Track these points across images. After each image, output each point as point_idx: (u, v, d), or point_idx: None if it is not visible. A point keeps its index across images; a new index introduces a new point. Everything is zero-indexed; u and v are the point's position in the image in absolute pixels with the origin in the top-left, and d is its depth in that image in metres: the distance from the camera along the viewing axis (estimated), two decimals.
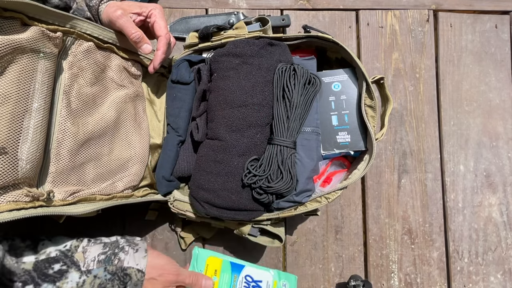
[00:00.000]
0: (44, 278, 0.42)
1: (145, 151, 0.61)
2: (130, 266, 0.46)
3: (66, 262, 0.44)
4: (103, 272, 0.45)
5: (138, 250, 0.48)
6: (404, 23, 0.80)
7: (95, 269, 0.45)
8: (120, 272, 0.46)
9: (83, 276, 0.44)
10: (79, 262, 0.45)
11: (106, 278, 0.45)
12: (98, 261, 0.46)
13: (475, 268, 0.74)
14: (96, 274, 0.45)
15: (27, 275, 0.42)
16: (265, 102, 0.53)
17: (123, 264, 0.46)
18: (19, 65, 0.41)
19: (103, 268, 0.45)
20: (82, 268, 0.45)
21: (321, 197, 0.56)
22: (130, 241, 0.49)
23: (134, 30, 0.51)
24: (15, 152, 0.40)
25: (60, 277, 0.43)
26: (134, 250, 0.48)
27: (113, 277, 0.45)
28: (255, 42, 0.55)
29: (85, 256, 0.46)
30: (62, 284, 0.43)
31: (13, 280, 0.41)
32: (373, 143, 0.55)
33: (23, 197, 0.41)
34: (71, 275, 0.44)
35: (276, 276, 0.55)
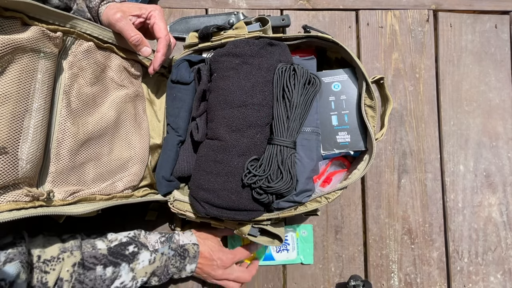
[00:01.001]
0: (122, 258, 0.51)
1: (145, 151, 0.61)
2: (186, 243, 0.58)
3: (137, 244, 0.53)
4: (168, 249, 0.56)
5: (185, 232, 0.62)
6: (404, 23, 0.80)
7: (161, 248, 0.55)
8: (180, 249, 0.57)
9: (153, 254, 0.54)
10: (146, 244, 0.54)
11: (170, 254, 0.56)
12: (161, 242, 0.56)
13: (475, 268, 0.74)
14: (163, 252, 0.55)
15: (105, 258, 0.49)
16: (265, 102, 0.53)
17: (180, 243, 0.57)
18: (19, 65, 0.41)
19: (167, 246, 0.56)
20: (150, 248, 0.54)
21: (321, 197, 0.56)
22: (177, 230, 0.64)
23: (133, 33, 0.51)
24: (15, 152, 0.40)
25: (133, 259, 0.52)
26: (183, 232, 0.61)
27: (175, 253, 0.56)
28: (255, 42, 0.55)
29: (148, 240, 0.55)
30: (135, 265, 0.52)
31: (95, 264, 0.48)
32: (373, 143, 0.55)
33: (23, 197, 0.41)
34: (142, 255, 0.53)
35: (296, 229, 0.73)
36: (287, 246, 0.72)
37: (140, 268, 0.52)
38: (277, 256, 0.71)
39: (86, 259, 0.48)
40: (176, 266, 0.56)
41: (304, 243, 0.72)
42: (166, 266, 0.55)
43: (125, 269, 0.51)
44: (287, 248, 0.72)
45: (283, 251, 0.72)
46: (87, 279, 0.47)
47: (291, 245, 0.72)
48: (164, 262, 0.55)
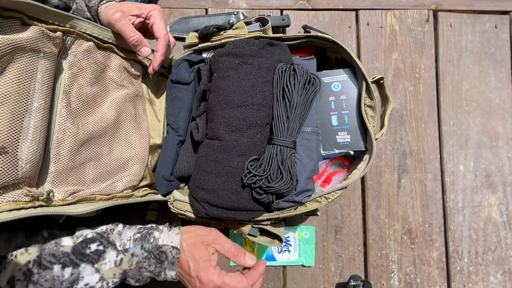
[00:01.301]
0: (81, 258, 0.44)
1: (145, 151, 0.61)
2: (165, 244, 0.47)
3: (102, 241, 0.46)
4: (140, 250, 0.46)
5: (172, 229, 0.49)
6: (404, 23, 0.80)
7: (132, 248, 0.46)
8: (156, 250, 0.46)
9: (120, 255, 0.45)
10: (115, 242, 0.46)
11: (143, 256, 0.46)
12: (134, 240, 0.47)
13: (474, 268, 0.74)
14: (133, 252, 0.46)
15: (66, 257, 0.43)
16: (265, 102, 0.53)
17: (158, 243, 0.47)
18: (19, 64, 0.40)
19: (139, 245, 0.46)
20: (118, 248, 0.46)
21: (321, 197, 0.56)
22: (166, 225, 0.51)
23: (132, 34, 0.51)
24: (15, 152, 0.40)
25: (98, 258, 0.45)
26: (168, 229, 0.49)
27: (149, 255, 0.46)
28: (255, 42, 0.55)
29: (121, 238, 0.47)
30: (101, 265, 0.44)
31: (53, 262, 0.43)
32: (373, 143, 0.55)
33: (23, 197, 0.41)
34: (108, 255, 0.45)
35: (298, 230, 0.73)
36: (288, 247, 0.72)
37: (107, 269, 0.45)
38: (279, 256, 0.71)
39: (44, 257, 0.42)
40: (151, 270, 0.46)
41: (306, 245, 0.72)
42: (139, 269, 0.46)
43: (87, 270, 0.44)
44: (288, 249, 0.72)
45: (285, 252, 0.72)
46: (42, 279, 0.42)
47: (293, 246, 0.72)
48: (134, 264, 0.45)
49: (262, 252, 0.71)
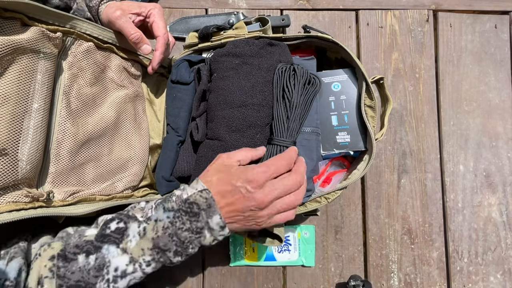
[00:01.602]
0: (103, 240, 0.40)
1: (145, 151, 0.61)
2: (190, 194, 0.40)
3: (121, 218, 0.41)
4: (163, 213, 0.40)
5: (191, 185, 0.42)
6: (403, 23, 0.80)
7: (154, 214, 0.41)
8: (184, 205, 0.40)
9: (142, 224, 0.40)
10: (135, 215, 0.42)
11: (169, 218, 0.40)
12: (156, 206, 0.42)
13: (474, 268, 0.74)
14: (156, 218, 0.40)
15: (90, 244, 0.40)
16: (265, 102, 0.53)
17: (183, 197, 0.41)
18: (19, 65, 0.40)
19: (161, 208, 0.41)
20: (140, 219, 0.41)
21: (321, 197, 0.56)
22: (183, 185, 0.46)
23: (133, 31, 0.51)
24: (15, 153, 0.40)
25: (121, 237, 0.40)
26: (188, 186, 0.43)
27: (178, 213, 0.40)
28: (255, 42, 0.55)
29: (143, 210, 0.43)
30: (126, 244, 0.40)
31: (77, 253, 0.40)
32: (372, 143, 0.55)
33: (23, 198, 0.41)
34: (130, 229, 0.40)
35: (298, 229, 0.73)
36: (288, 247, 0.72)
37: (133, 246, 0.40)
38: (279, 256, 0.71)
39: (68, 250, 0.40)
40: (187, 228, 0.40)
41: (306, 244, 0.72)
42: (171, 235, 0.40)
43: (111, 252, 0.39)
44: (288, 249, 0.72)
45: (285, 252, 0.72)
46: (69, 272, 0.38)
47: (292, 245, 0.72)
48: (160, 230, 0.40)
49: (262, 252, 0.71)
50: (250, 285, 0.72)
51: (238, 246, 0.71)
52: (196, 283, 0.71)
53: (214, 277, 0.71)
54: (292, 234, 0.72)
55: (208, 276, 0.71)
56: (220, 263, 0.72)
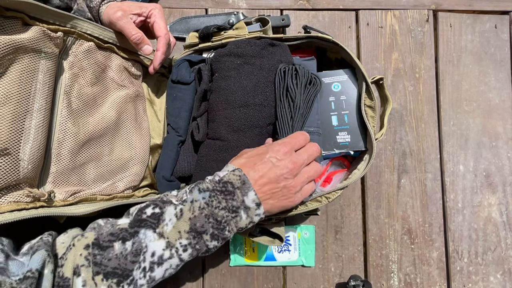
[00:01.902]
0: (139, 225, 0.40)
1: (146, 151, 0.61)
2: (225, 175, 0.42)
3: (157, 203, 0.41)
4: (198, 194, 0.41)
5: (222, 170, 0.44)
6: (403, 23, 0.80)
7: (189, 196, 0.41)
8: (218, 185, 0.41)
9: (178, 206, 0.41)
10: (170, 199, 0.42)
11: (204, 198, 0.40)
12: (190, 190, 0.42)
13: (474, 268, 0.74)
14: (192, 199, 0.41)
15: (125, 232, 0.40)
16: (267, 102, 0.53)
17: (216, 178, 0.42)
18: (20, 65, 0.41)
19: (196, 190, 0.41)
20: (175, 202, 0.42)
21: (322, 197, 0.56)
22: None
23: (134, 32, 0.51)
24: (17, 153, 0.40)
25: (157, 222, 0.40)
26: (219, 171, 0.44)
27: (213, 193, 0.41)
28: (257, 42, 0.55)
29: (177, 197, 0.43)
30: (162, 228, 0.40)
31: (112, 240, 0.39)
32: (373, 143, 0.55)
33: (24, 198, 0.41)
34: (167, 213, 0.40)
35: (298, 229, 0.73)
36: (288, 247, 0.72)
37: (170, 229, 0.40)
38: (279, 256, 0.72)
39: (103, 239, 0.39)
40: (224, 207, 0.40)
41: (305, 244, 0.72)
42: (207, 216, 0.40)
43: (148, 236, 0.39)
44: (288, 249, 0.72)
45: (285, 252, 0.72)
46: (105, 259, 0.38)
47: (292, 245, 0.72)
48: (198, 210, 0.40)
49: (262, 251, 0.71)
50: (250, 285, 0.72)
51: (238, 246, 0.71)
52: (196, 283, 0.71)
53: (214, 277, 0.71)
54: (292, 234, 0.72)
55: (208, 276, 0.71)
56: (220, 263, 0.72)
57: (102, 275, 0.38)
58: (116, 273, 0.38)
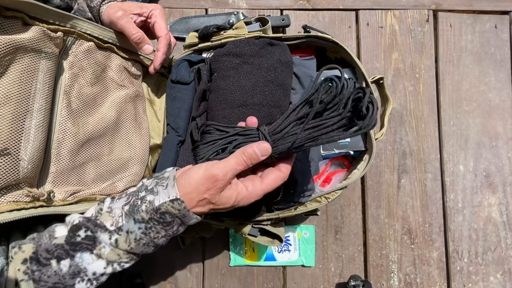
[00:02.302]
0: (75, 248, 0.38)
1: (145, 151, 0.61)
2: (162, 203, 0.38)
3: (89, 226, 0.39)
4: (134, 225, 0.39)
5: (167, 185, 0.40)
6: (403, 23, 0.80)
7: (125, 224, 0.39)
8: (155, 215, 0.39)
9: (114, 235, 0.39)
10: (104, 223, 0.39)
11: (141, 229, 0.39)
12: (125, 214, 0.39)
13: (474, 268, 0.74)
14: (127, 229, 0.39)
15: (60, 249, 0.38)
16: (265, 102, 0.53)
17: (154, 205, 0.39)
18: (20, 65, 0.41)
19: (132, 220, 0.39)
20: (109, 228, 0.39)
21: (321, 197, 0.56)
22: (159, 177, 0.42)
23: (135, 31, 0.51)
24: (17, 152, 0.40)
25: (93, 244, 0.38)
26: (164, 187, 0.40)
27: (150, 224, 0.39)
28: (255, 42, 0.55)
29: (112, 215, 0.40)
30: (100, 250, 0.38)
31: (48, 258, 0.38)
32: (372, 143, 0.55)
33: (24, 197, 0.41)
34: (102, 237, 0.39)
35: (298, 229, 0.73)
36: (288, 247, 0.72)
37: (107, 251, 0.39)
38: (279, 256, 0.72)
39: (40, 253, 0.38)
40: (164, 235, 0.40)
41: (305, 244, 0.72)
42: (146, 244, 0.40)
43: (85, 260, 0.38)
44: (288, 249, 0.72)
45: (285, 252, 0.72)
46: (44, 276, 0.37)
47: (292, 245, 0.72)
48: (134, 242, 0.39)
49: (262, 251, 0.71)
50: (250, 285, 0.72)
51: (238, 246, 0.71)
52: (196, 283, 0.71)
53: (214, 277, 0.71)
54: (292, 234, 0.72)
55: (208, 276, 0.71)
56: (220, 263, 0.72)
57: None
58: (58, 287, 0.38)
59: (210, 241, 0.72)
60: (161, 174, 0.42)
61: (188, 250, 0.71)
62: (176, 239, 0.70)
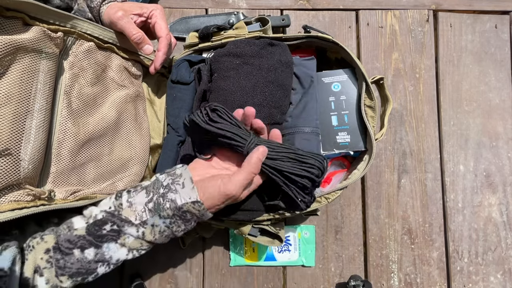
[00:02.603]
0: (101, 240, 0.42)
1: (146, 151, 0.61)
2: (184, 203, 0.43)
3: (115, 221, 0.43)
4: (159, 220, 0.44)
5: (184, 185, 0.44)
6: (404, 23, 0.80)
7: (150, 219, 0.43)
8: (178, 212, 0.44)
9: (140, 229, 0.43)
10: (129, 218, 0.43)
11: (165, 223, 0.44)
12: (149, 210, 0.44)
13: (475, 268, 0.74)
14: (153, 223, 0.44)
15: (82, 239, 0.42)
16: (266, 102, 0.53)
17: (177, 204, 0.43)
18: (21, 65, 0.41)
19: (157, 216, 0.43)
20: (135, 222, 0.43)
21: (321, 197, 0.56)
22: (171, 174, 0.46)
23: (135, 31, 0.51)
24: (18, 153, 0.40)
25: (118, 235, 0.43)
26: (181, 186, 0.44)
27: (173, 219, 0.44)
28: (256, 42, 0.55)
29: (133, 210, 0.44)
30: (124, 240, 0.43)
31: (71, 248, 0.41)
32: (372, 143, 0.55)
33: (25, 197, 0.41)
34: (128, 230, 0.43)
35: (298, 229, 0.73)
36: (288, 247, 0.72)
37: (131, 241, 0.44)
38: (279, 256, 0.72)
39: (61, 244, 0.41)
40: (183, 229, 0.45)
41: (306, 244, 0.72)
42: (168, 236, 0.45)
43: (111, 249, 0.43)
44: (288, 249, 0.72)
45: (285, 252, 0.72)
46: (68, 263, 0.41)
47: (293, 245, 0.72)
48: (157, 234, 0.44)
49: (262, 251, 0.71)
50: (250, 285, 0.72)
51: (238, 246, 0.71)
52: (196, 283, 0.71)
53: (214, 277, 0.71)
54: (292, 234, 0.72)
55: (208, 276, 0.71)
56: (220, 263, 0.72)
57: (67, 276, 0.41)
58: (81, 273, 0.42)
59: (210, 241, 0.72)
60: (172, 170, 0.46)
61: (188, 250, 0.71)
62: (176, 239, 0.70)
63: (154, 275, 0.71)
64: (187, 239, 0.69)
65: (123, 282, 0.70)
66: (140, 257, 0.46)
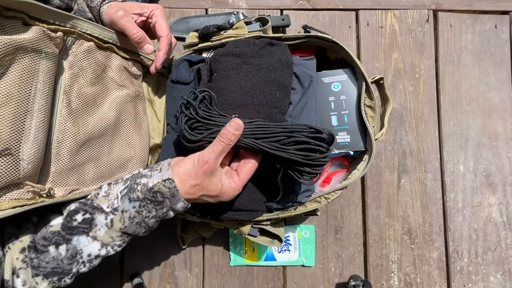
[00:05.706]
0: (71, 232, 0.41)
1: (145, 151, 0.61)
2: (156, 183, 0.42)
3: (86, 209, 0.42)
4: (129, 204, 0.42)
5: (161, 169, 0.44)
6: (404, 23, 0.80)
7: (120, 205, 0.42)
8: (149, 194, 0.42)
9: (109, 216, 0.42)
10: (101, 205, 0.43)
11: (135, 207, 0.42)
12: (122, 196, 0.43)
13: (474, 268, 0.74)
14: (122, 209, 0.42)
15: (57, 235, 0.41)
16: (265, 102, 0.53)
17: (148, 186, 0.42)
18: (21, 65, 0.41)
19: (127, 199, 0.42)
20: (106, 209, 0.43)
21: (321, 197, 0.56)
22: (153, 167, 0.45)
23: (135, 31, 0.51)
24: (17, 153, 0.40)
25: (89, 227, 0.42)
26: (158, 171, 0.44)
27: (143, 203, 0.42)
28: (255, 42, 0.55)
29: (108, 199, 0.44)
30: (95, 232, 0.42)
31: (46, 245, 0.41)
32: (372, 143, 0.55)
33: (25, 194, 0.41)
34: (98, 220, 0.42)
35: (298, 229, 0.73)
36: (288, 247, 0.72)
37: (102, 234, 0.42)
38: (279, 256, 0.72)
39: (37, 242, 0.41)
40: (154, 215, 0.43)
41: (306, 244, 0.72)
42: (139, 223, 0.43)
43: (82, 242, 0.42)
44: (288, 249, 0.72)
45: (285, 252, 0.72)
46: (43, 262, 0.40)
47: (292, 245, 0.72)
48: (127, 220, 0.42)
49: (262, 251, 0.71)
50: (250, 285, 0.72)
51: (238, 246, 0.71)
52: (196, 283, 0.71)
53: (214, 277, 0.71)
54: (292, 234, 0.72)
55: (208, 276, 0.71)
56: (220, 263, 0.72)
57: (42, 276, 0.41)
58: (56, 272, 0.41)
59: (210, 241, 0.72)
60: (157, 165, 0.46)
61: (188, 250, 0.71)
62: (176, 239, 0.70)
63: (154, 275, 0.71)
64: (187, 239, 0.69)
65: (123, 282, 0.70)
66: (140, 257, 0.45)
